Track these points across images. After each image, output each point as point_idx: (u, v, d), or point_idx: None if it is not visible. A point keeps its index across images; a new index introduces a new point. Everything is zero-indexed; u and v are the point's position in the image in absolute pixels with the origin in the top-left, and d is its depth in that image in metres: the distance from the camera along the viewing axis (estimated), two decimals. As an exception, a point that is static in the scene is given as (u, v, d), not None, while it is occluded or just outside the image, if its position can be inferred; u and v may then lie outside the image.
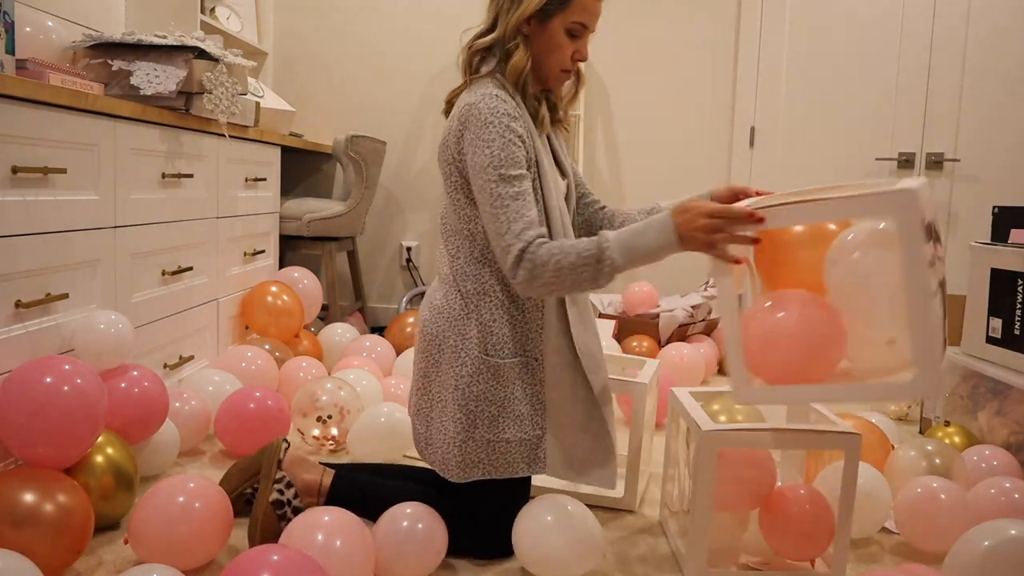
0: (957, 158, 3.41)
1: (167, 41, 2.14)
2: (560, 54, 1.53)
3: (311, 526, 1.36)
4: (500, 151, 1.42)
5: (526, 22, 1.51)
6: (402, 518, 1.46)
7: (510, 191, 1.41)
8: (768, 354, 1.34)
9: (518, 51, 1.51)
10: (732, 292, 1.35)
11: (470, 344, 1.51)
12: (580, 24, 1.52)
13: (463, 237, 1.53)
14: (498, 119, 1.43)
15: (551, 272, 1.38)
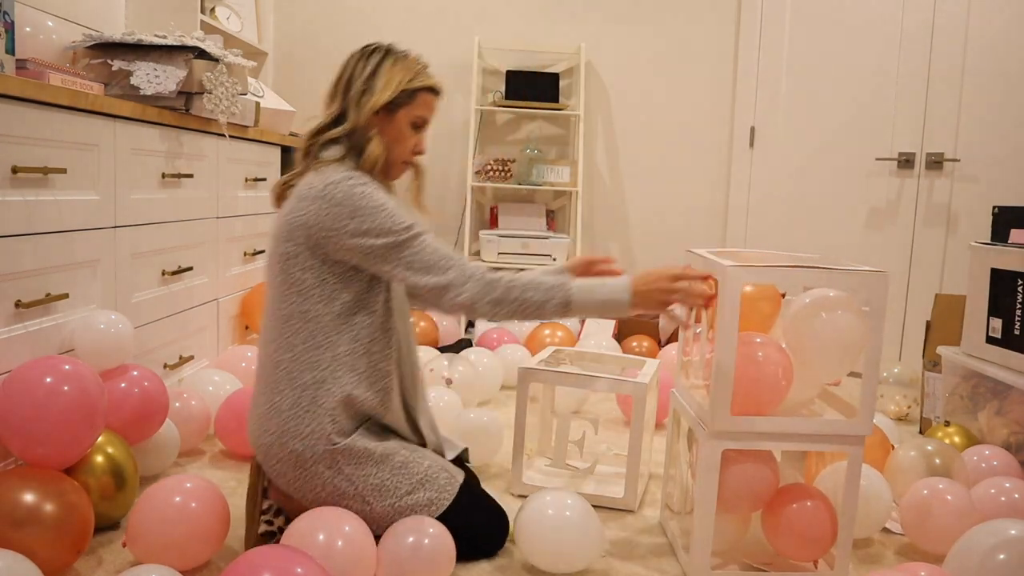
0: (957, 158, 3.41)
1: (167, 41, 2.14)
2: (404, 146, 1.58)
3: (312, 526, 1.36)
4: (391, 216, 1.44)
5: (375, 113, 1.53)
6: (407, 533, 1.42)
7: (409, 237, 1.44)
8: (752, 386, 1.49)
9: (374, 141, 1.53)
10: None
11: (313, 440, 1.46)
12: (422, 118, 1.59)
13: (301, 320, 1.47)
14: (372, 190, 1.45)
15: (503, 287, 1.42)
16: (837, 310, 1.51)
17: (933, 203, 3.48)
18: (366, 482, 1.48)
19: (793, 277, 1.49)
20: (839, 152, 3.62)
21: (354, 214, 1.42)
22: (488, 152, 3.91)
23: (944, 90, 3.41)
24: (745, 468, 1.53)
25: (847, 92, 3.58)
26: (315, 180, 1.48)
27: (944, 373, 2.42)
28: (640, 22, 3.84)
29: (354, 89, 1.54)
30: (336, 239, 1.44)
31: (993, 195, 3.32)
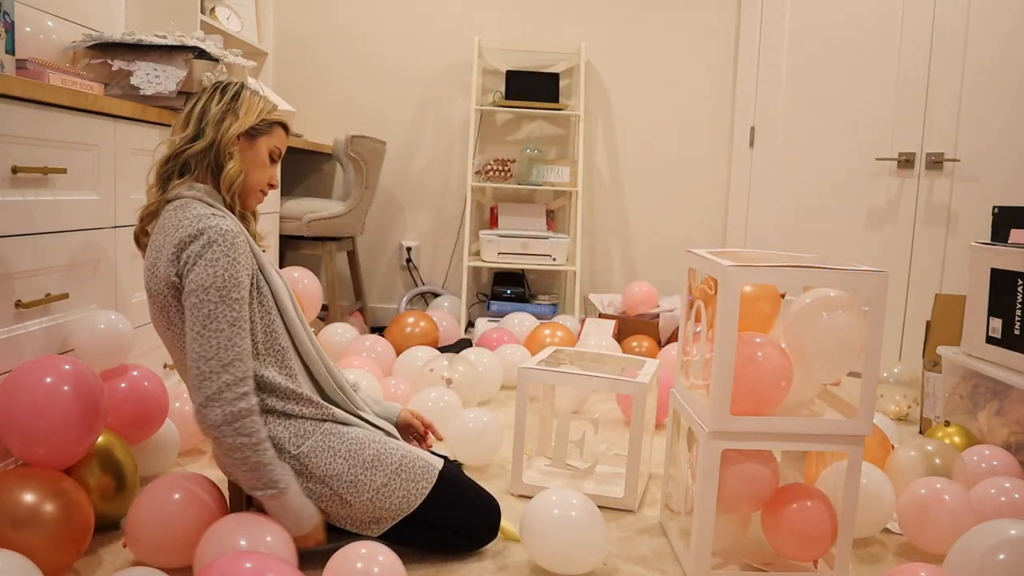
0: (957, 158, 3.41)
1: (167, 41, 2.14)
2: (263, 173, 1.59)
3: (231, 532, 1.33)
4: (224, 271, 1.37)
5: (237, 138, 1.53)
6: (356, 559, 1.31)
7: (228, 315, 1.37)
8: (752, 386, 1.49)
9: (233, 161, 1.51)
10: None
11: (281, 453, 1.45)
12: (278, 149, 1.61)
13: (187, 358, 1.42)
14: (223, 237, 1.39)
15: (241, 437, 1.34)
16: (837, 310, 1.51)
17: (933, 203, 3.48)
18: (339, 480, 1.47)
19: (793, 277, 1.49)
20: (839, 152, 3.62)
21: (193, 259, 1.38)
22: (488, 152, 3.91)
23: (944, 90, 3.41)
24: (745, 468, 1.53)
25: (847, 92, 3.58)
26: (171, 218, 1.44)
27: (944, 373, 2.42)
28: (640, 22, 3.84)
29: (212, 112, 1.51)
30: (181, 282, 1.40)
31: (993, 195, 3.32)
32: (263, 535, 1.34)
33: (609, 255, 4.00)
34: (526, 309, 3.62)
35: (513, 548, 1.64)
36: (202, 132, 1.51)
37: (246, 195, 1.59)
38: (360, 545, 1.33)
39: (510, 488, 1.95)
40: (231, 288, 1.38)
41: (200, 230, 1.39)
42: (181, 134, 1.52)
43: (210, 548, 1.32)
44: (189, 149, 1.51)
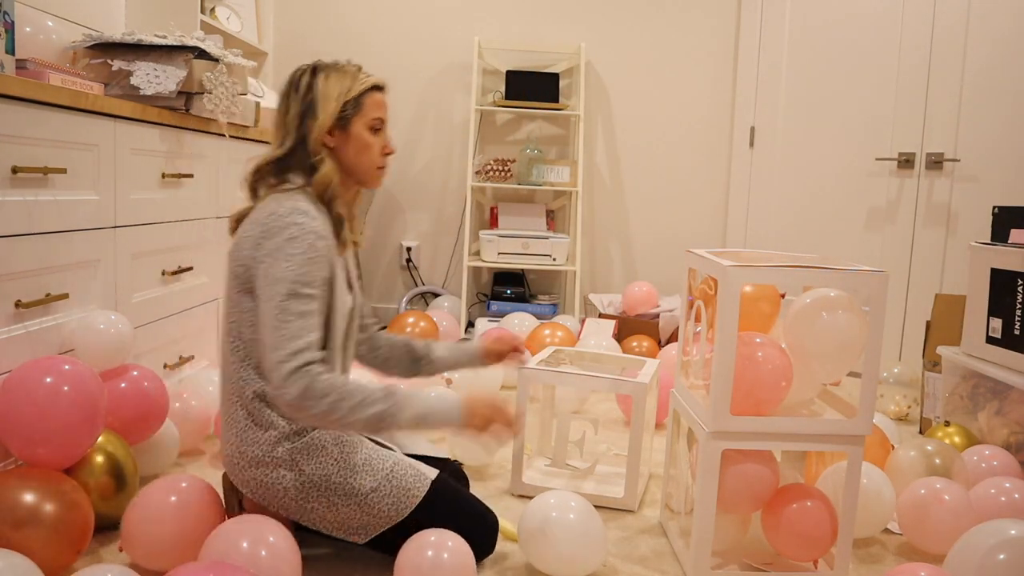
0: (957, 158, 3.41)
1: (167, 41, 2.14)
2: (371, 153, 1.55)
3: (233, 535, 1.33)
4: (300, 267, 1.38)
5: (328, 134, 1.50)
6: (427, 547, 1.37)
7: (298, 308, 1.37)
8: (752, 386, 1.49)
9: (324, 164, 1.49)
10: None
11: (276, 445, 1.45)
12: (378, 119, 1.55)
13: (239, 340, 1.47)
14: (305, 235, 1.40)
15: (326, 405, 1.35)
16: (837, 310, 1.51)
17: (933, 203, 3.48)
18: (328, 482, 1.45)
19: (793, 277, 1.49)
20: (839, 152, 3.61)
21: (272, 251, 1.40)
22: (488, 152, 3.91)
23: (944, 90, 3.40)
24: (745, 468, 1.53)
25: (847, 92, 3.57)
26: (267, 206, 1.46)
27: (944, 373, 2.42)
28: (640, 22, 3.84)
29: (291, 114, 1.50)
30: (257, 268, 1.42)
31: (993, 195, 3.32)
32: (265, 536, 1.33)
33: (609, 255, 4.00)
34: (526, 309, 3.62)
35: (511, 552, 1.63)
36: (284, 141, 1.51)
37: (364, 180, 1.56)
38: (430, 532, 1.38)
39: (510, 488, 1.95)
40: (305, 284, 1.38)
41: (287, 224, 1.40)
42: (273, 143, 1.53)
43: (213, 552, 1.32)
44: (275, 155, 1.51)
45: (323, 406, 1.35)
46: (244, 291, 1.45)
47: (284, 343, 1.35)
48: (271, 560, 1.28)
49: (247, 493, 1.50)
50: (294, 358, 1.35)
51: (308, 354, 1.37)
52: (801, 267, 1.49)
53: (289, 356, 1.35)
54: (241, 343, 1.47)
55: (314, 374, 1.36)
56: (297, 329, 1.37)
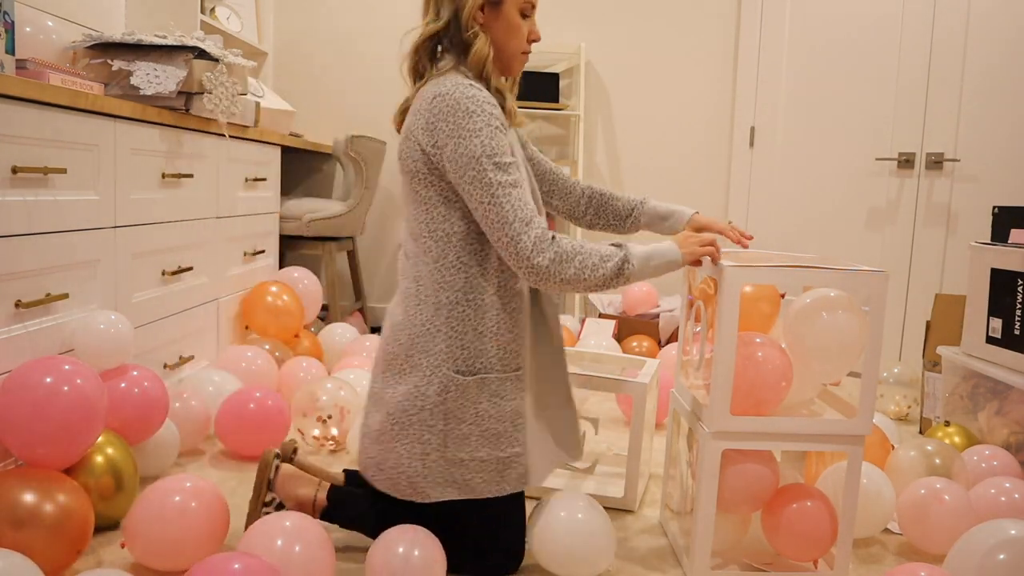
0: (957, 158, 3.41)
1: (167, 41, 2.14)
2: (519, 36, 1.51)
3: (269, 532, 1.34)
4: (490, 139, 1.36)
5: (480, 10, 1.47)
6: (398, 543, 1.37)
7: (508, 179, 1.36)
8: (752, 386, 1.49)
9: (478, 40, 1.46)
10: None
11: (439, 360, 1.43)
12: (530, 3, 1.52)
13: (433, 240, 1.44)
14: (480, 107, 1.38)
15: (575, 267, 1.37)
16: (837, 310, 1.51)
17: (933, 203, 3.48)
18: (458, 428, 1.43)
19: (793, 277, 1.49)
20: (839, 152, 3.62)
21: (457, 128, 1.37)
22: (488, 152, 3.90)
23: (944, 90, 3.41)
24: (745, 468, 1.53)
25: (847, 92, 3.58)
26: (427, 91, 1.44)
27: (944, 373, 2.42)
28: (640, 22, 3.84)
29: None
30: (440, 152, 1.39)
31: (993, 195, 3.32)
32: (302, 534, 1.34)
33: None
34: (526, 309, 3.61)
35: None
36: (439, 13, 1.49)
37: (508, 64, 1.54)
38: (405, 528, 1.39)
39: (510, 488, 1.95)
40: (501, 154, 1.37)
41: (458, 100, 1.37)
42: (423, 21, 1.51)
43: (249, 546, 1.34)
44: (429, 30, 1.49)
45: (573, 269, 1.36)
46: (428, 183, 1.43)
47: (514, 215, 1.35)
48: (304, 559, 1.30)
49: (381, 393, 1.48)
50: (530, 227, 1.36)
51: (540, 220, 1.38)
52: (801, 267, 1.49)
53: (525, 227, 1.35)
54: (433, 241, 1.44)
55: (556, 239, 1.37)
56: (517, 199, 1.36)
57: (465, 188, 1.38)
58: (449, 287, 1.44)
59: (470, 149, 1.36)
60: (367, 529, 1.56)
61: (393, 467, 1.46)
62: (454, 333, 1.44)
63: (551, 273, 1.36)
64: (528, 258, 1.36)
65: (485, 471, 1.46)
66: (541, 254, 1.35)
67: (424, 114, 1.41)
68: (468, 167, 1.36)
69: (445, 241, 1.44)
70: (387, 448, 1.47)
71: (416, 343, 1.44)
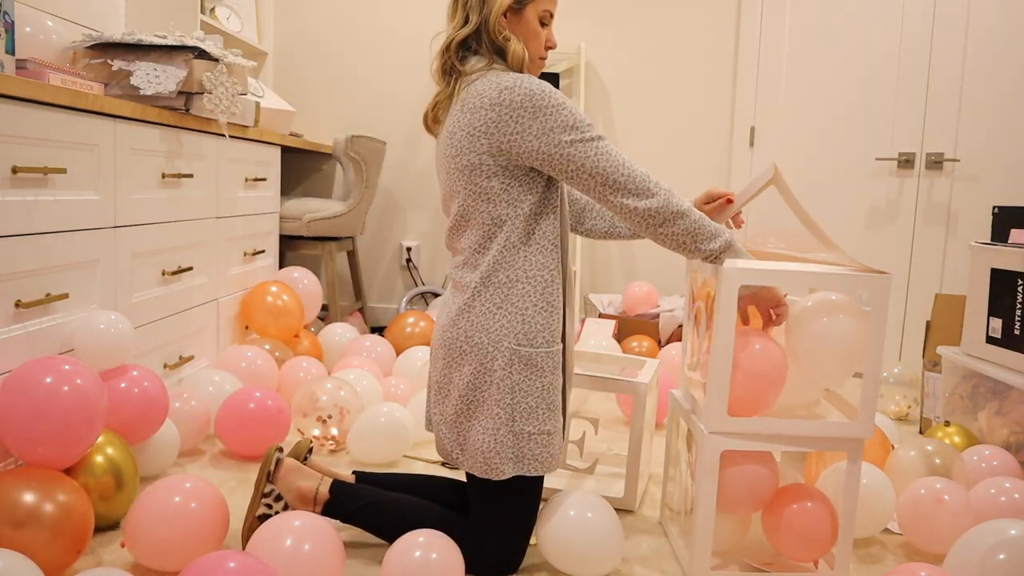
0: (957, 158, 3.41)
1: (167, 41, 2.14)
2: (537, 42, 1.56)
3: (279, 531, 1.35)
4: (573, 113, 1.43)
5: (503, 15, 1.52)
6: (415, 548, 1.37)
7: (606, 144, 1.44)
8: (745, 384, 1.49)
9: (512, 42, 1.51)
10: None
11: (500, 336, 1.48)
12: (548, 12, 1.57)
13: (493, 225, 1.50)
14: (551, 93, 1.43)
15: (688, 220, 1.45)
16: (840, 314, 1.51)
17: (933, 203, 3.48)
18: (525, 400, 1.48)
19: (795, 278, 1.49)
20: (839, 152, 3.62)
21: (536, 114, 1.42)
22: (488, 152, 3.90)
23: (944, 90, 3.41)
24: (745, 469, 1.53)
25: (847, 92, 3.58)
26: (484, 88, 1.46)
27: (944, 373, 2.42)
28: (640, 22, 3.84)
29: None
30: (520, 142, 1.43)
31: (993, 195, 3.32)
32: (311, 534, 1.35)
33: (609, 255, 4.00)
34: (526, 309, 3.61)
35: (529, 550, 1.63)
36: (467, 17, 1.52)
37: (527, 69, 1.57)
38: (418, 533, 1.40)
39: (510, 488, 1.95)
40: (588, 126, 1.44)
41: (530, 87, 1.42)
42: (451, 25, 1.55)
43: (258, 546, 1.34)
44: (459, 34, 1.52)
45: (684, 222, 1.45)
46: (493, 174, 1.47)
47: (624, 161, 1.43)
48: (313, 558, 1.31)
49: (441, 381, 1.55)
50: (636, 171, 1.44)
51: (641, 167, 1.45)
52: (804, 269, 1.49)
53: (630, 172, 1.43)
54: (496, 228, 1.49)
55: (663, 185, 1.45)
56: (619, 152, 1.44)
57: (561, 162, 1.44)
58: (510, 267, 1.49)
59: (562, 121, 1.42)
60: (369, 524, 1.56)
61: (471, 445, 1.52)
62: (515, 309, 1.49)
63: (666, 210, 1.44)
64: (648, 192, 1.43)
65: (551, 444, 1.52)
66: (657, 192, 1.44)
67: (492, 108, 1.44)
68: (564, 135, 1.42)
69: (501, 226, 1.49)
70: (463, 428, 1.52)
71: (476, 324, 1.50)
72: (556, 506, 1.54)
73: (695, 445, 1.61)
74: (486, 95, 1.45)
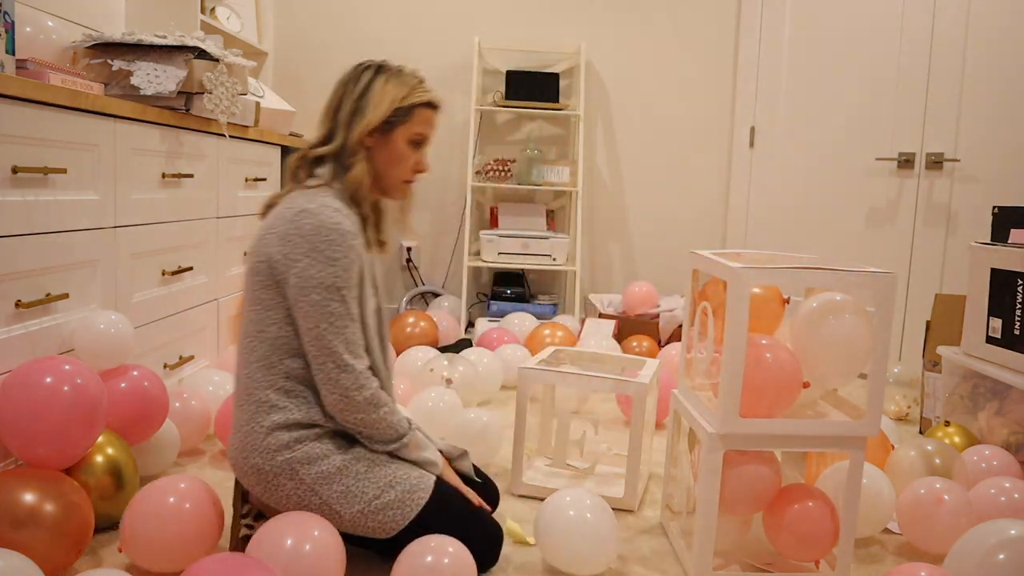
0: (957, 158, 3.41)
1: (167, 41, 2.14)
2: (403, 165, 1.54)
3: (279, 531, 1.34)
4: (343, 271, 1.39)
5: (369, 134, 1.49)
6: (426, 552, 1.36)
7: (347, 312, 1.40)
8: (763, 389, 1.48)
9: (359, 164, 1.48)
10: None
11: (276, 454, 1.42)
12: (421, 135, 1.54)
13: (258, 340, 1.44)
14: (342, 236, 1.39)
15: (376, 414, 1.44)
16: (844, 315, 1.50)
17: (933, 203, 3.48)
18: (330, 490, 1.43)
19: (802, 278, 1.48)
20: (839, 152, 3.62)
21: (310, 252, 1.38)
22: (488, 152, 3.91)
23: (944, 90, 3.41)
24: (747, 469, 1.53)
25: (847, 92, 3.58)
26: (296, 201, 1.44)
27: (944, 373, 2.42)
28: (640, 22, 3.84)
29: (343, 110, 1.49)
30: (288, 267, 1.40)
31: (993, 195, 3.32)
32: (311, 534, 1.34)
33: (609, 255, 3.99)
34: (526, 309, 3.62)
35: (519, 552, 1.63)
36: (333, 134, 1.50)
37: (387, 190, 1.56)
38: (430, 538, 1.39)
39: (510, 488, 1.95)
40: (348, 288, 1.41)
41: (322, 222, 1.39)
42: (318, 132, 1.53)
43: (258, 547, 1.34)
44: (318, 151, 1.50)
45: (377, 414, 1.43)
46: (267, 286, 1.43)
47: (345, 347, 1.40)
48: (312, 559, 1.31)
49: (253, 493, 1.50)
50: (361, 360, 1.42)
51: (365, 360, 1.44)
52: (810, 268, 1.47)
53: (356, 359, 1.41)
54: (259, 342, 1.44)
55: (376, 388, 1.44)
56: (353, 332, 1.42)
57: (304, 308, 1.40)
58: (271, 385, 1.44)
59: (322, 275, 1.38)
60: None
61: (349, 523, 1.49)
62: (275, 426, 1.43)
63: (360, 408, 1.42)
64: (347, 387, 1.41)
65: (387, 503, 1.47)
66: (361, 389, 1.42)
67: (285, 224, 1.41)
68: (314, 290, 1.39)
69: (271, 343, 1.44)
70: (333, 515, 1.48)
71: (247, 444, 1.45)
72: (554, 506, 1.54)
73: (697, 446, 1.61)
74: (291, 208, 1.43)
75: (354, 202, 1.50)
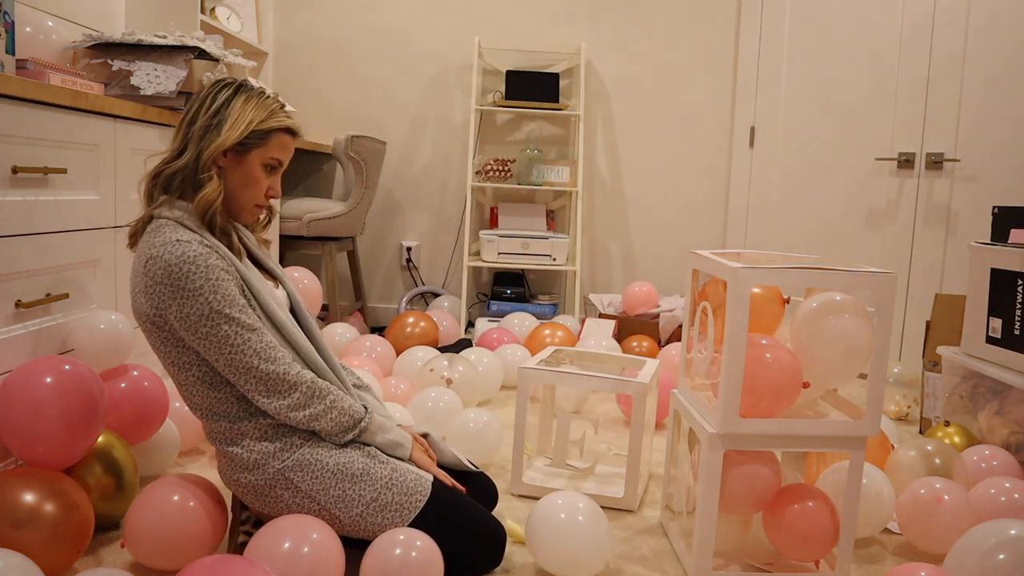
0: (957, 158, 3.41)
1: (167, 41, 2.14)
2: (256, 189, 1.49)
3: (278, 532, 1.34)
4: (213, 293, 1.35)
5: (223, 154, 1.44)
6: (395, 545, 1.36)
7: (242, 326, 1.37)
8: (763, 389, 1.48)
9: (211, 183, 1.42)
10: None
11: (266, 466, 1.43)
12: (276, 160, 1.50)
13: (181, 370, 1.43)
14: (194, 265, 1.34)
15: (324, 404, 1.43)
16: (844, 315, 1.50)
17: (933, 203, 3.48)
18: (327, 495, 1.42)
19: (803, 278, 1.48)
20: (839, 152, 3.62)
21: (176, 295, 1.34)
22: (488, 152, 3.91)
23: (944, 90, 3.41)
24: (747, 469, 1.53)
25: (847, 92, 3.58)
26: (142, 248, 1.40)
27: (944, 373, 2.42)
28: (640, 22, 3.84)
29: (198, 124, 1.43)
30: (165, 315, 1.37)
31: (993, 195, 3.32)
32: (310, 535, 1.34)
33: (609, 255, 4.00)
34: (526, 309, 3.62)
35: (518, 552, 1.63)
36: (185, 147, 1.44)
37: (238, 213, 1.51)
38: (398, 531, 1.39)
39: (510, 488, 1.95)
40: (230, 304, 1.37)
41: (168, 263, 1.34)
42: (171, 146, 1.47)
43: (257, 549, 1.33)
44: (170, 167, 1.44)
45: (325, 404, 1.42)
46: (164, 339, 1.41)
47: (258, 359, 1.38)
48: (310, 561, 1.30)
49: (253, 508, 1.50)
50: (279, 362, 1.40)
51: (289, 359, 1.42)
52: (811, 268, 1.48)
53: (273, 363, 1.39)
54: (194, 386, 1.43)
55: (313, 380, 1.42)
56: (258, 342, 1.38)
57: (201, 343, 1.37)
58: (221, 402, 1.44)
59: (196, 309, 1.35)
60: None
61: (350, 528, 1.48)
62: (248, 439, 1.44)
63: (301, 405, 1.41)
64: (277, 393, 1.40)
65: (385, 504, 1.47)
66: (293, 389, 1.40)
67: (141, 278, 1.38)
68: (199, 325, 1.36)
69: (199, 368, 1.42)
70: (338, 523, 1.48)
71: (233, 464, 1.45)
72: (545, 509, 1.53)
73: (697, 445, 1.61)
74: (140, 259, 1.39)
75: (204, 221, 1.43)
